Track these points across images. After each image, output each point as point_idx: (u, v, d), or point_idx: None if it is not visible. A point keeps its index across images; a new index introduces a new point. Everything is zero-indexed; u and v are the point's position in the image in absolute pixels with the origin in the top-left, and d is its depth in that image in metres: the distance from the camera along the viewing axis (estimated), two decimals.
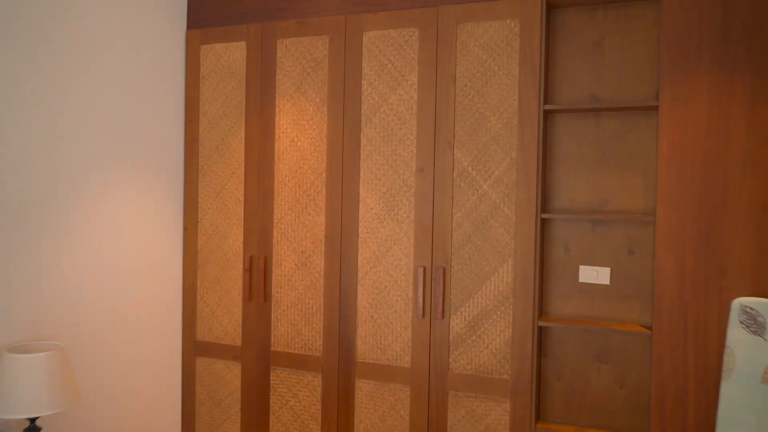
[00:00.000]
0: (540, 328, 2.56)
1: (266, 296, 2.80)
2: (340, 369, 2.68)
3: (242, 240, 2.84)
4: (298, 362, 2.75)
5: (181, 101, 2.94)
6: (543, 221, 2.54)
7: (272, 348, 2.80)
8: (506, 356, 2.42)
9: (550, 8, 2.52)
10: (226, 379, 2.90)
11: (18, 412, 1.93)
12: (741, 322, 2.07)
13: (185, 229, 2.96)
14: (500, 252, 2.43)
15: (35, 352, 2.15)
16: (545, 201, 2.57)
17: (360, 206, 2.63)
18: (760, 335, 2.04)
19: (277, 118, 2.77)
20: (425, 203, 2.52)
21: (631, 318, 2.47)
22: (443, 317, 2.50)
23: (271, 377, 2.80)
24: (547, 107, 2.39)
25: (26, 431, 2.02)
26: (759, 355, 2.04)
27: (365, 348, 2.64)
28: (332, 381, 2.69)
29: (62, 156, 2.33)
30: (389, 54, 2.58)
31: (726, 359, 2.10)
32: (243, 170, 2.84)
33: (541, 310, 2.54)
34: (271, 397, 2.80)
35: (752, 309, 2.06)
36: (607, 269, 2.49)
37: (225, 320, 2.90)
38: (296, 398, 2.76)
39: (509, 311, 2.42)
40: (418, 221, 2.53)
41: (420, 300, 2.52)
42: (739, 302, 2.08)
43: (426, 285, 2.53)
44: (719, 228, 2.17)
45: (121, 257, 2.62)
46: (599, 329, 2.37)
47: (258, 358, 2.82)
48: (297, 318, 2.76)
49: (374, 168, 2.61)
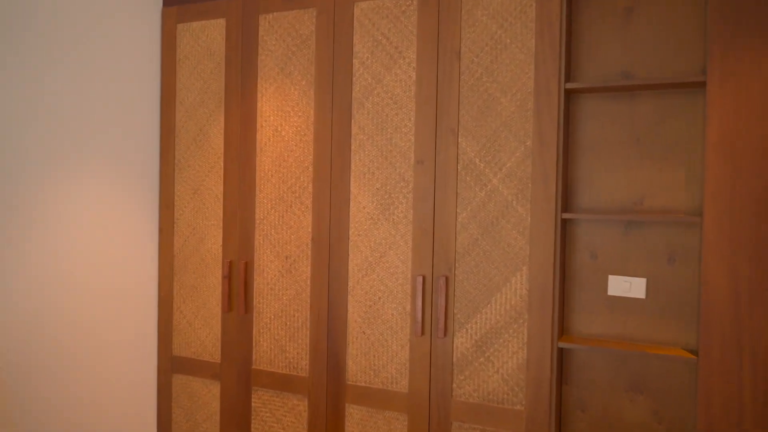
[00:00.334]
0: (561, 350, 2.16)
1: (247, 307, 2.47)
2: (329, 392, 2.32)
3: (221, 243, 2.51)
4: (282, 383, 2.40)
5: (157, 88, 2.63)
6: (564, 222, 2.14)
7: (254, 366, 2.46)
8: (520, 383, 2.04)
9: None
10: (205, 400, 2.57)
11: None
12: None
13: (160, 231, 2.65)
14: (513, 259, 2.04)
15: None
16: (567, 198, 2.17)
17: (351, 205, 2.28)
18: None
19: (260, 105, 2.43)
20: (425, 201, 2.15)
21: (672, 339, 2.05)
22: (446, 335, 2.12)
23: (253, 399, 2.46)
24: (570, 86, 2.00)
25: None
26: None
27: (357, 369, 2.28)
28: (320, 406, 2.33)
29: (15, 147, 2.03)
30: (384, 27, 2.22)
31: None
32: (222, 164, 2.51)
33: (562, 329, 2.15)
34: (253, 422, 2.46)
35: None
36: (643, 280, 2.08)
37: (203, 333, 2.57)
38: (280, 424, 2.41)
39: (524, 329, 2.03)
40: (417, 222, 2.17)
41: (419, 314, 2.15)
42: None
43: (426, 297, 2.16)
44: None
45: (87, 263, 2.31)
46: (633, 353, 1.96)
47: (238, 377, 2.49)
48: (281, 332, 2.41)
49: (367, 160, 2.25)
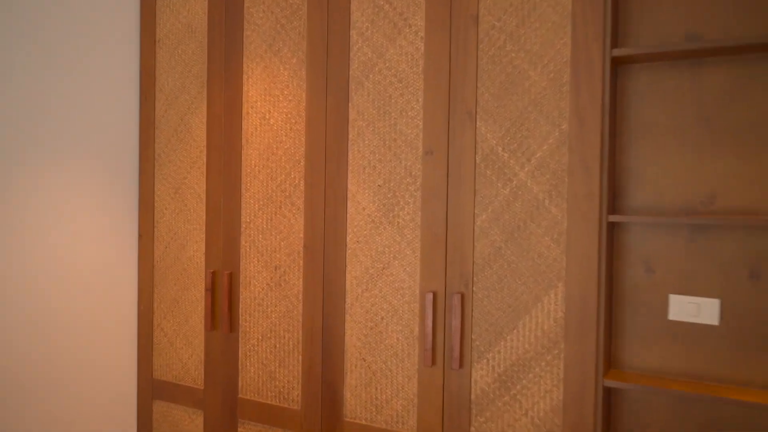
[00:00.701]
0: (607, 389, 1.72)
1: (232, 325, 2.11)
2: (324, 430, 1.94)
3: (204, 251, 2.17)
4: (272, 416, 2.04)
5: (136, 73, 2.31)
6: (611, 226, 1.71)
7: (240, 395, 2.10)
8: (555, 429, 1.61)
9: None
10: (187, 431, 2.23)
11: None
12: None
13: (140, 236, 2.32)
14: (545, 272, 1.62)
15: None
16: (614, 196, 1.73)
17: (348, 205, 1.90)
18: None
19: (245, 88, 2.08)
20: (436, 200, 1.75)
21: (756, 379, 1.59)
22: (462, 366, 1.71)
23: None
24: (617, 52, 1.57)
25: None
26: None
27: (355, 403, 1.89)
28: None
29: None
30: None
31: None
32: (205, 159, 2.17)
33: (609, 362, 1.71)
34: None
35: None
36: (716, 301, 1.62)
37: (185, 354, 2.23)
38: None
39: (559, 362, 1.60)
40: (426, 226, 1.77)
41: (429, 340, 1.75)
42: None
43: (437, 318, 1.75)
44: None
45: (61, 272, 1.99)
46: (702, 396, 1.51)
47: (223, 407, 2.13)
48: (269, 356, 2.05)
49: (367, 152, 1.86)
